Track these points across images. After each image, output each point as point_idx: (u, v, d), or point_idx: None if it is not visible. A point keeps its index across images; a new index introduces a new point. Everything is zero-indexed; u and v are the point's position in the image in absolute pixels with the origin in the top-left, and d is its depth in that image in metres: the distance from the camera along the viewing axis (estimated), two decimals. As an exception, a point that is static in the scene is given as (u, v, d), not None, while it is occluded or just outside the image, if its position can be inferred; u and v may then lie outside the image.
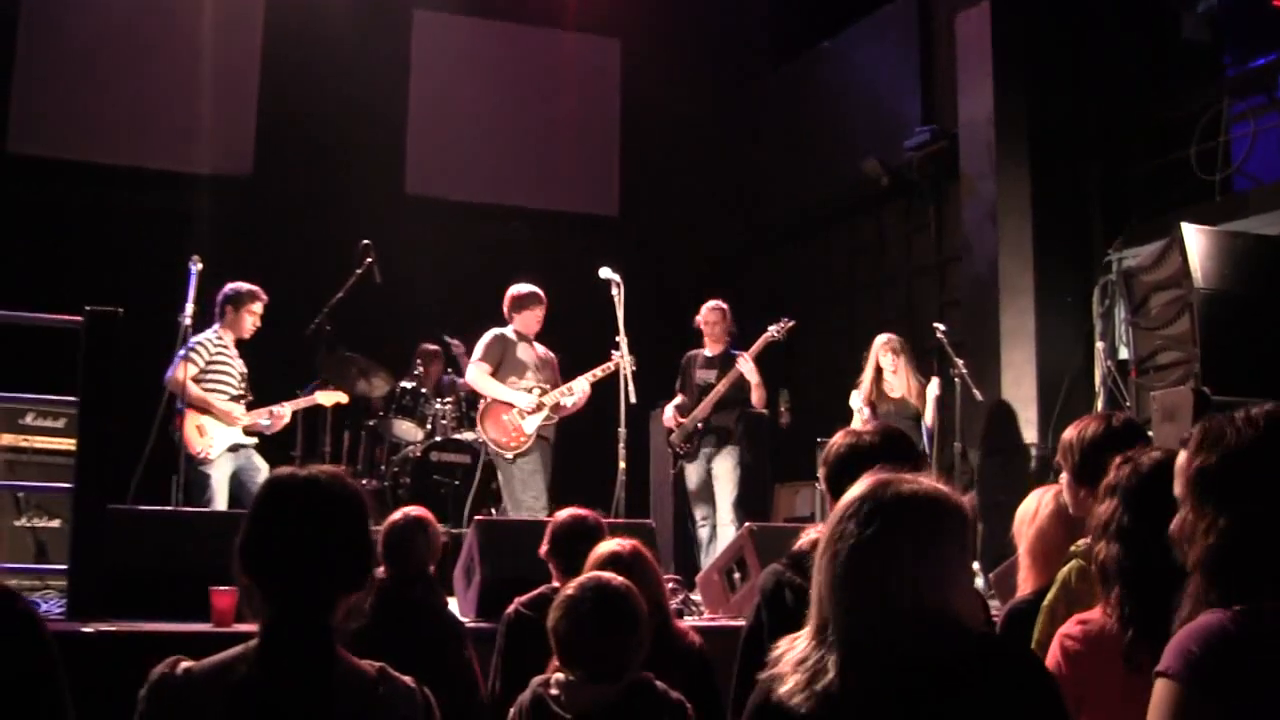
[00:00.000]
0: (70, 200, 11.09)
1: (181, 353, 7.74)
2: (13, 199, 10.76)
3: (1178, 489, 2.27)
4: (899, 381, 8.67)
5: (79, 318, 6.03)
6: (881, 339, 8.80)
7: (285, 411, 8.22)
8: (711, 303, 9.07)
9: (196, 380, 7.81)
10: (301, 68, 11.61)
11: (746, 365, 8.66)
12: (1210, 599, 2.13)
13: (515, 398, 8.24)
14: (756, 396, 8.79)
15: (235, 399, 8.02)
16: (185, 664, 2.35)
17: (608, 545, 4.13)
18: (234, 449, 7.92)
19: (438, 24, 12.93)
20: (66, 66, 11.36)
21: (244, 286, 8.14)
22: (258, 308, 8.15)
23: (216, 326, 8.04)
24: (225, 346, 8.05)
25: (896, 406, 8.65)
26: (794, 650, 2.23)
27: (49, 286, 8.58)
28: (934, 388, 8.63)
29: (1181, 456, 2.28)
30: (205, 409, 7.80)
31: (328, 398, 8.53)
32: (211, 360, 7.94)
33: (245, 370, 8.19)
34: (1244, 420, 2.22)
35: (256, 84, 12.03)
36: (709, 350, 9.04)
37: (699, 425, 8.83)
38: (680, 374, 9.16)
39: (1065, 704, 2.30)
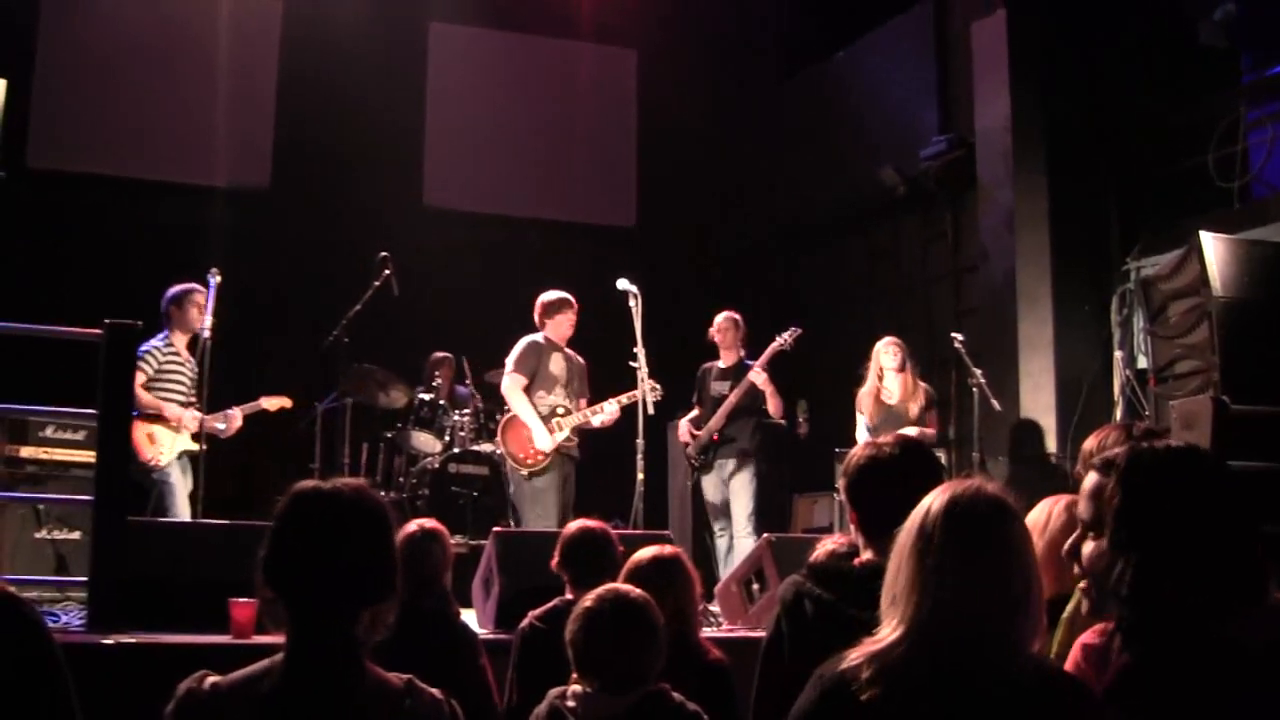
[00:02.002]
0: (89, 214, 11.13)
1: None
2: (33, 212, 10.81)
3: (1087, 511, 2.32)
4: (895, 388, 8.62)
5: (98, 331, 6.06)
6: (882, 341, 8.74)
7: (237, 414, 8.24)
8: (723, 314, 9.08)
9: (146, 387, 7.84)
10: (318, 80, 11.66)
11: (759, 376, 8.64)
12: (1121, 626, 2.23)
13: (536, 431, 8.18)
14: (773, 406, 8.76)
15: (185, 405, 8.01)
16: (212, 678, 2.36)
17: (647, 550, 4.13)
18: (182, 455, 7.96)
19: (454, 36, 12.97)
20: (85, 81, 11.43)
21: (182, 286, 8.11)
22: (199, 298, 8.04)
23: (165, 333, 8.01)
24: (176, 352, 8.04)
25: (895, 413, 8.60)
26: (870, 646, 2.26)
27: (68, 299, 8.62)
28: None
29: (1091, 479, 2.33)
30: (158, 415, 7.82)
31: (272, 402, 8.52)
32: (161, 368, 7.94)
33: (196, 374, 8.15)
34: (1152, 460, 2.29)
35: (274, 97, 12.07)
36: (723, 361, 9.04)
37: (714, 437, 8.82)
38: (696, 386, 9.16)
39: None
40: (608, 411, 8.31)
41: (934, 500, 2.30)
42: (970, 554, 2.21)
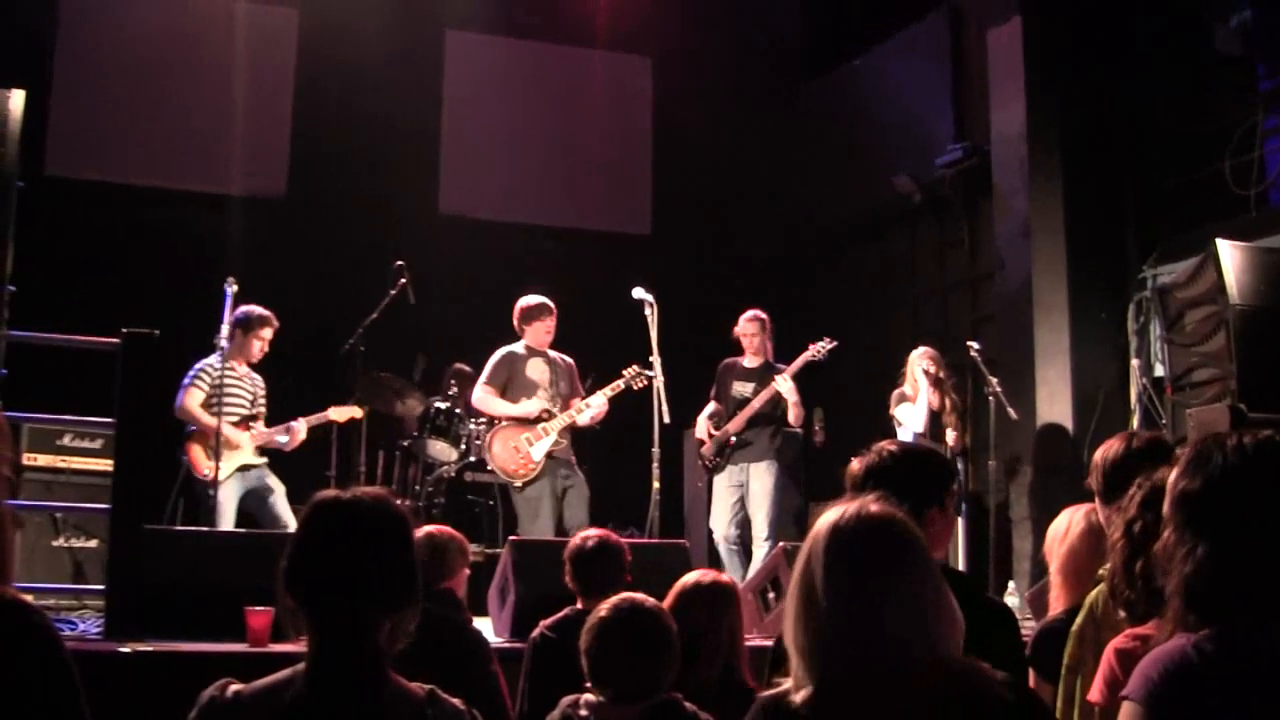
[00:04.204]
0: (106, 222, 11.15)
1: (186, 381, 7.78)
2: (50, 221, 10.83)
3: (1165, 508, 2.27)
4: (934, 399, 8.60)
5: (116, 340, 6.09)
6: (918, 351, 8.76)
7: (300, 427, 8.15)
8: (749, 313, 8.95)
9: (205, 406, 7.81)
10: (334, 88, 11.68)
11: (785, 385, 8.51)
12: (1188, 623, 2.14)
13: (522, 409, 8.15)
14: (794, 415, 8.65)
15: (245, 420, 8.00)
16: (235, 687, 2.37)
17: (704, 575, 4.07)
18: (243, 469, 7.91)
19: (470, 44, 12.98)
20: (102, 90, 11.46)
21: (255, 311, 8.07)
22: (267, 333, 8.09)
23: (223, 350, 7.87)
24: (230, 369, 7.94)
25: (936, 422, 8.61)
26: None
27: (86, 308, 8.66)
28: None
29: (1171, 475, 2.28)
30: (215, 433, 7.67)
31: (340, 413, 8.41)
32: (215, 384, 7.85)
33: (258, 390, 8.15)
34: (1233, 447, 2.21)
35: (290, 105, 12.09)
36: (747, 361, 8.90)
37: (731, 439, 8.75)
38: (716, 381, 9.02)
39: None
40: (595, 406, 8.22)
41: (818, 529, 2.25)
42: (859, 593, 2.15)
